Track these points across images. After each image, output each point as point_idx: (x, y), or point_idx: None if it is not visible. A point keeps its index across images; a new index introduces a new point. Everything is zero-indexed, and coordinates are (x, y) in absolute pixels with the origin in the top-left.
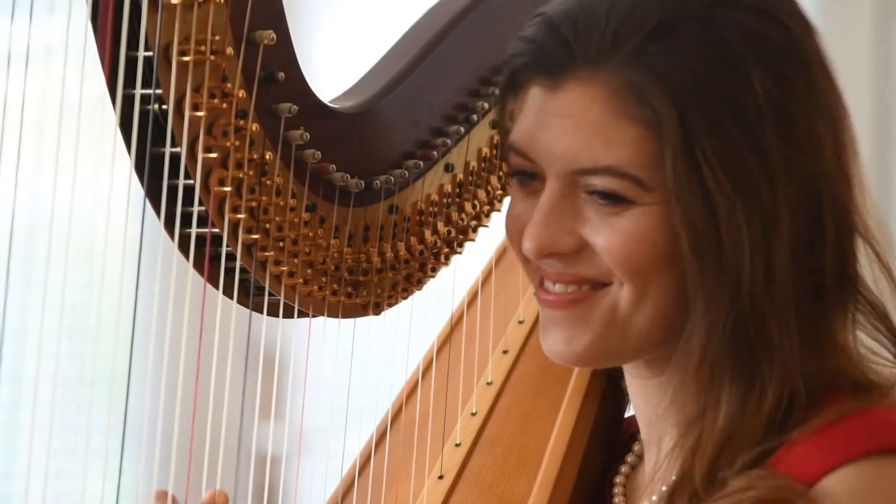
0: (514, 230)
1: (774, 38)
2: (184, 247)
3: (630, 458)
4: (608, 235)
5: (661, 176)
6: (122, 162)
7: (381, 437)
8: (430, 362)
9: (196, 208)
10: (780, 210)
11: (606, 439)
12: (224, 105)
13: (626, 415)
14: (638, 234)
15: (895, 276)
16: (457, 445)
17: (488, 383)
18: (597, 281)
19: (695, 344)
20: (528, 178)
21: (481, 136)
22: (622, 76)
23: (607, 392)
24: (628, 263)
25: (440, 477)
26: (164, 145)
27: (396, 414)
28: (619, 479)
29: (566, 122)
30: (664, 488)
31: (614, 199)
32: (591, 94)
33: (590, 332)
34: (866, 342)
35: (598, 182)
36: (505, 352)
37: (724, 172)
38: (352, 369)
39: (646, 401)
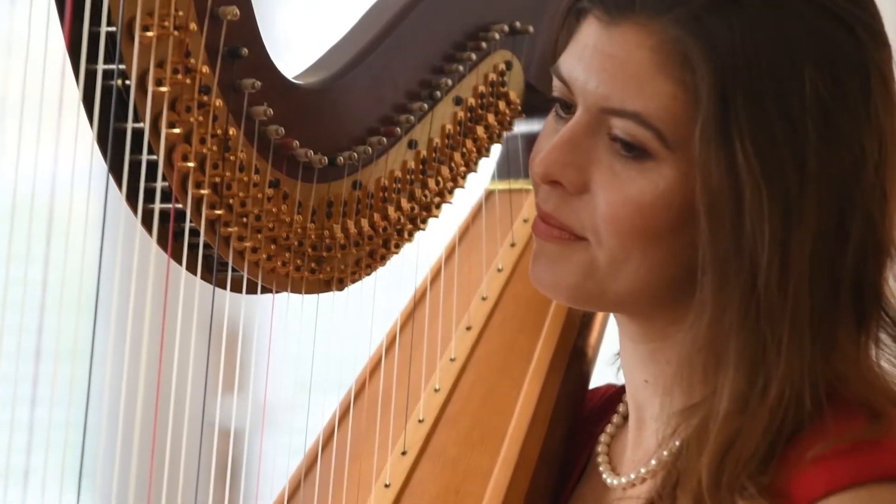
0: (535, 154)
1: (840, 44)
2: (147, 222)
3: (615, 419)
4: (614, 190)
5: (684, 138)
6: (85, 137)
7: (344, 413)
8: (394, 339)
9: (159, 184)
10: (806, 207)
11: (570, 413)
12: (187, 80)
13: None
14: (644, 197)
15: None
16: (420, 421)
17: (452, 360)
18: (575, 233)
19: (703, 323)
20: (565, 108)
21: (445, 113)
22: (673, 33)
23: (570, 368)
24: (621, 225)
25: (403, 453)
26: (126, 121)
27: (360, 390)
28: (603, 438)
29: (609, 60)
30: (654, 462)
31: (634, 151)
32: (640, 40)
33: (569, 275)
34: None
35: (622, 126)
36: (468, 328)
37: (756, 154)
38: (315, 345)
39: (635, 365)
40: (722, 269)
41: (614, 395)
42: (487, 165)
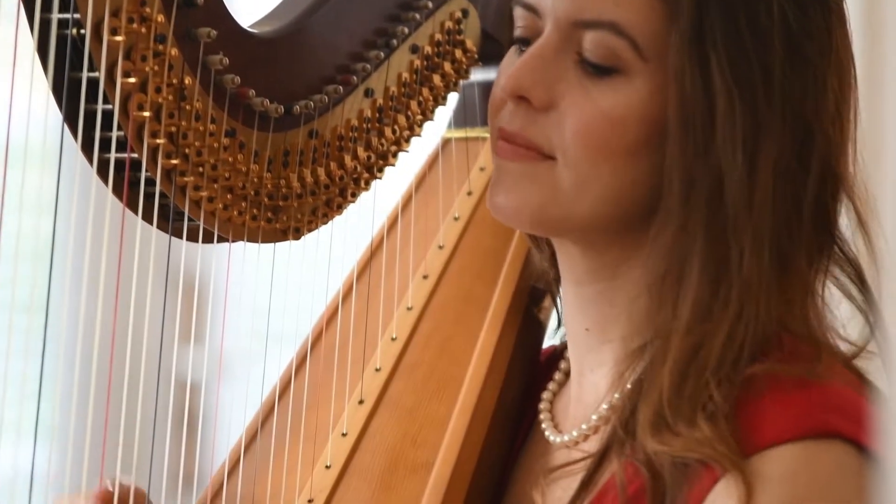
0: (496, 85)
1: None
2: (103, 172)
3: (558, 376)
4: (586, 106)
5: (659, 51)
6: (40, 87)
7: (300, 362)
8: (350, 287)
9: (115, 133)
10: (773, 120)
11: (526, 366)
12: (143, 29)
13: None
14: (615, 111)
15: (871, 237)
16: (377, 370)
17: (409, 308)
18: (543, 152)
19: (668, 234)
20: (528, 45)
21: (401, 62)
22: None
23: (527, 319)
24: (589, 140)
25: (360, 401)
26: (82, 70)
27: (316, 339)
28: (545, 396)
29: None
30: (595, 417)
31: (604, 69)
32: None
33: (534, 196)
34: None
35: (596, 39)
36: (425, 277)
37: (729, 63)
38: (272, 295)
39: (576, 312)
40: (690, 178)
41: (557, 352)
42: (444, 114)
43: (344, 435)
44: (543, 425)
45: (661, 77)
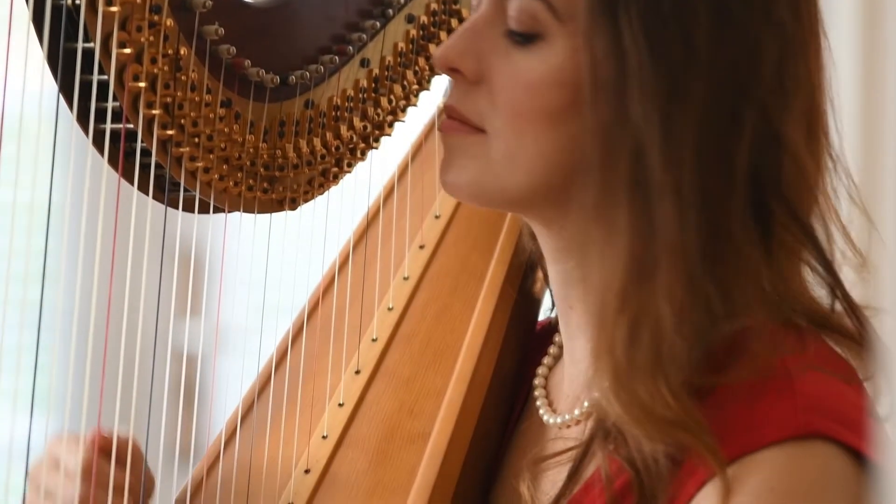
0: None
1: None
2: (98, 143)
3: (552, 350)
4: (508, 73)
5: (575, 11)
6: (36, 58)
7: (297, 333)
8: (347, 258)
9: (110, 104)
10: (693, 88)
11: (521, 337)
12: (138, 0)
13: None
14: (534, 75)
15: (819, 199)
16: (373, 340)
17: (405, 278)
18: (474, 125)
19: (587, 202)
20: None
21: (397, 31)
22: None
23: (522, 290)
24: (513, 107)
25: (357, 372)
26: (77, 41)
27: (313, 309)
28: (540, 371)
29: None
30: (586, 404)
31: (526, 37)
32: None
33: (466, 170)
34: None
35: (518, 6)
36: (421, 247)
37: (643, 29)
38: (268, 266)
39: (559, 289)
40: (607, 142)
41: (552, 327)
42: (440, 83)
43: (341, 405)
44: (538, 403)
45: (576, 40)
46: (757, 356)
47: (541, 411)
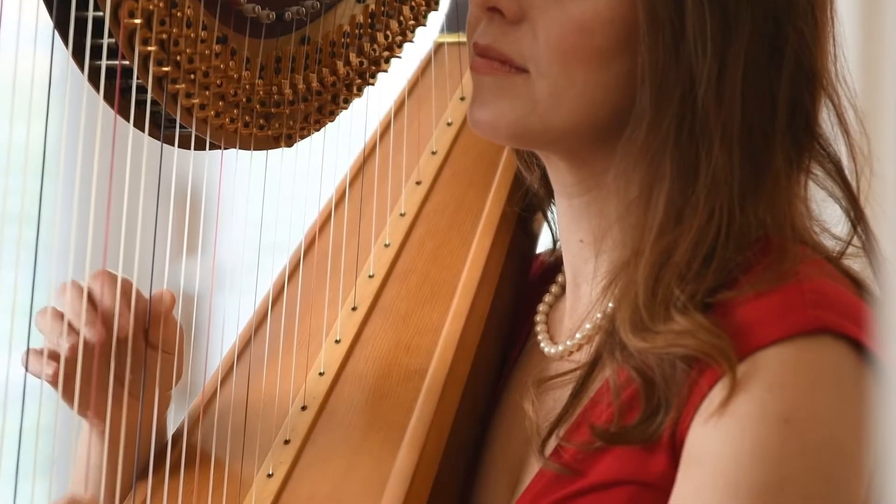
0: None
1: None
2: (94, 79)
3: (554, 289)
4: (555, 12)
5: None
6: None
7: (293, 270)
8: (343, 194)
9: (106, 40)
10: (742, 18)
11: (518, 274)
12: None
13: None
14: (585, 16)
15: (851, 135)
16: (370, 277)
17: (401, 215)
18: (517, 65)
19: (640, 135)
20: None
21: None
22: None
23: (519, 227)
24: (562, 47)
25: (353, 308)
26: None
27: (309, 246)
28: (542, 308)
29: None
30: (588, 326)
31: None
32: None
33: (511, 109)
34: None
35: None
36: (418, 183)
37: None
38: (264, 203)
39: (570, 224)
40: (661, 79)
41: (554, 264)
42: (436, 19)
43: (337, 342)
44: (539, 336)
45: None
46: (769, 266)
47: (542, 344)
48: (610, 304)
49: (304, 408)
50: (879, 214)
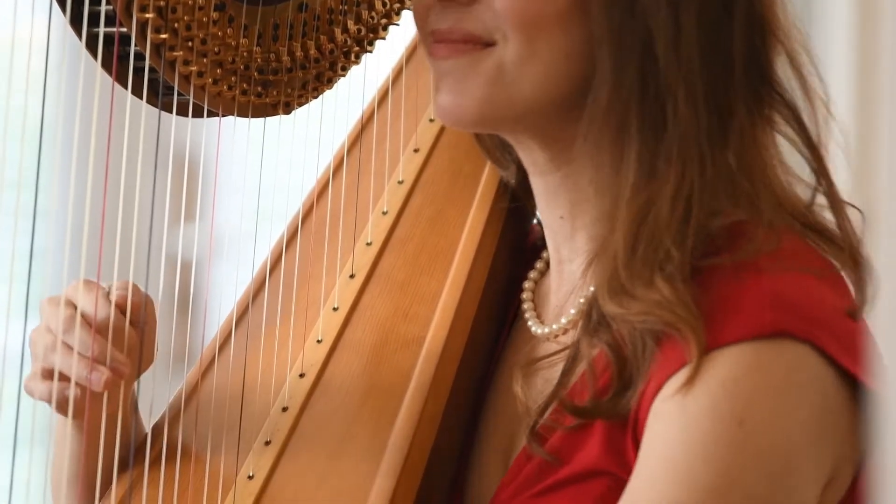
0: None
1: None
2: (91, 46)
3: (539, 265)
4: None
5: None
6: None
7: (291, 237)
8: (341, 162)
9: (103, 7)
10: None
11: (515, 244)
12: None
13: None
14: None
15: (807, 81)
16: (368, 244)
17: (399, 182)
18: (482, 39)
19: (603, 98)
20: None
21: None
22: None
23: (516, 195)
24: (522, 15)
25: (351, 276)
26: None
27: (307, 214)
28: (527, 285)
29: None
30: (573, 311)
31: None
32: None
33: (476, 88)
34: None
35: None
36: (416, 150)
37: None
38: (262, 171)
39: (548, 201)
40: (618, 38)
41: (539, 241)
42: None
43: (335, 309)
44: (527, 315)
45: None
46: (735, 252)
47: (529, 323)
48: (591, 288)
49: (301, 375)
50: (874, 218)
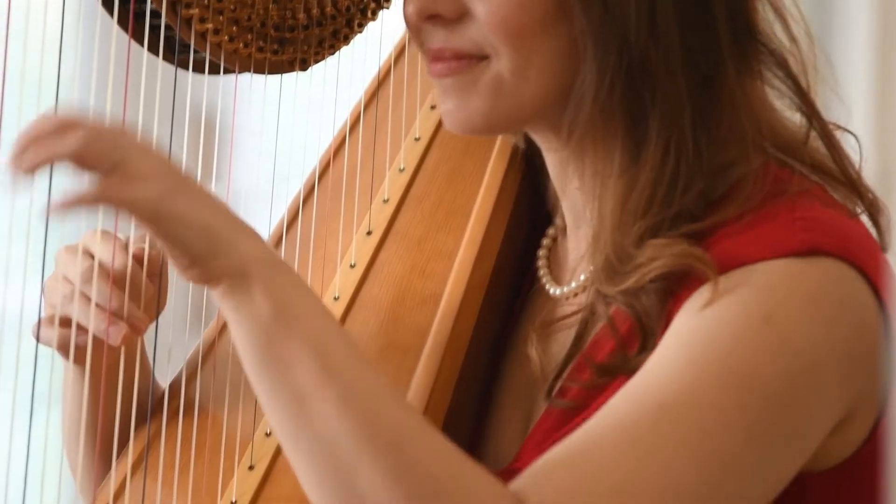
0: (406, 8)
1: None
2: (108, 5)
3: (552, 230)
4: (491, 0)
5: None
6: None
7: (308, 194)
8: (357, 119)
9: None
10: None
11: (530, 206)
12: None
13: None
14: None
15: (791, 26)
16: (385, 201)
17: (416, 139)
18: (474, 55)
19: (586, 94)
20: None
21: None
22: None
23: (530, 158)
24: (507, 28)
25: (368, 233)
26: None
27: (324, 170)
28: (542, 253)
29: None
30: (583, 276)
31: None
32: None
33: (480, 100)
34: None
35: None
36: (433, 107)
37: None
38: (279, 130)
39: (559, 173)
40: (598, 27)
41: (553, 204)
42: None
43: (352, 266)
44: (543, 278)
45: None
46: (759, 191)
47: (545, 283)
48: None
49: None
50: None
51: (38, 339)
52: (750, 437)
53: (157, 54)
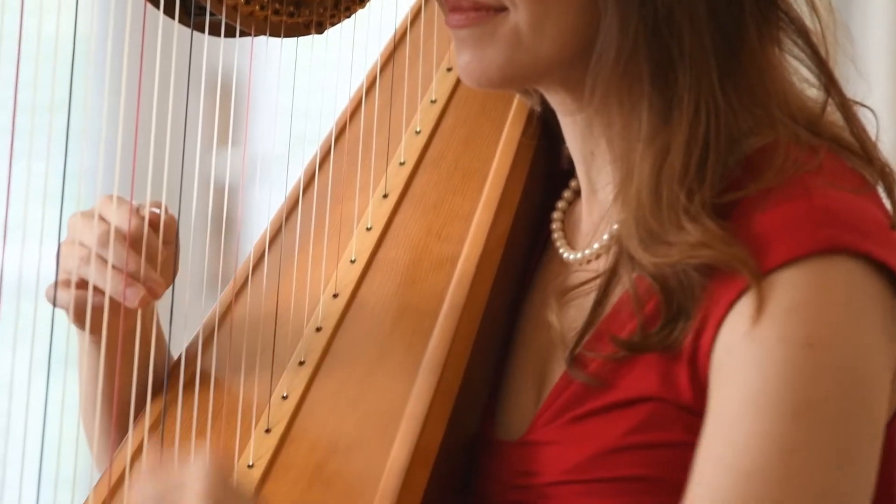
0: None
1: None
2: None
3: (567, 194)
4: None
5: None
6: None
7: (324, 157)
8: (374, 81)
9: None
10: None
11: (545, 170)
12: None
13: None
14: None
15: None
16: (401, 164)
17: (432, 101)
18: (492, 7)
19: (609, 50)
20: None
21: None
22: None
23: (546, 122)
24: None
25: (385, 195)
26: None
27: (340, 133)
28: (556, 216)
29: None
30: (606, 237)
31: None
32: None
33: (497, 53)
34: None
35: None
36: (449, 69)
37: None
38: (294, 93)
39: (575, 137)
40: None
41: (568, 168)
42: None
43: (368, 229)
44: (557, 243)
45: None
46: (775, 172)
47: (560, 250)
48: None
49: (335, 295)
50: None
51: (53, 303)
52: (841, 463)
53: (172, 17)
